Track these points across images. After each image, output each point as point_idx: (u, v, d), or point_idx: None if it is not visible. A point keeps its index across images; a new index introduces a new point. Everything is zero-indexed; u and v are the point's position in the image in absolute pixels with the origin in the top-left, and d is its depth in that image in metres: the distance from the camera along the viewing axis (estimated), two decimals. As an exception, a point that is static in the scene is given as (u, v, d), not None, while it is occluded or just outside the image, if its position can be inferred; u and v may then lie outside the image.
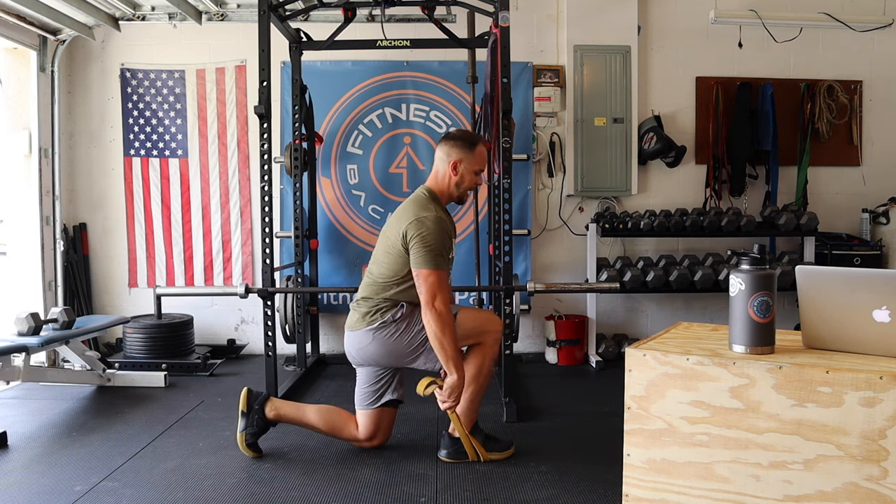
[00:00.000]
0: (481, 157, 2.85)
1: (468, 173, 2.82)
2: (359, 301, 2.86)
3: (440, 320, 2.64)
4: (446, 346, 2.65)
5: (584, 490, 2.60)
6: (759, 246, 1.70)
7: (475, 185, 2.88)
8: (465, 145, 2.82)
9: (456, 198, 2.87)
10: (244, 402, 2.96)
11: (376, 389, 2.91)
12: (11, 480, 2.73)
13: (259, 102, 3.52)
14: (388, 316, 2.77)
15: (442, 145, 2.86)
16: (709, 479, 1.63)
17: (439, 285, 2.66)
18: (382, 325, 2.77)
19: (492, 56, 3.78)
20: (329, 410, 3.02)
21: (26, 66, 4.54)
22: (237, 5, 4.65)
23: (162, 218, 4.97)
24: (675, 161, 4.93)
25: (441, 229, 2.69)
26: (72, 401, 3.82)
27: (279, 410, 2.97)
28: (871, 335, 1.61)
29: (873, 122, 5.10)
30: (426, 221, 2.68)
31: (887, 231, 4.89)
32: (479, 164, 2.84)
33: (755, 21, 4.66)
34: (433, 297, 2.64)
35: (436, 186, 2.85)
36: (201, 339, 4.92)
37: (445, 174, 2.83)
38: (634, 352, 1.72)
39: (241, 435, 2.95)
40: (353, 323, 2.85)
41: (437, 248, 2.67)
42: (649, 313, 5.09)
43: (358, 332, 2.82)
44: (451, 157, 2.81)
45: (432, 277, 2.65)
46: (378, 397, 2.91)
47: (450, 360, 2.67)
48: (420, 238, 2.66)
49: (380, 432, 2.96)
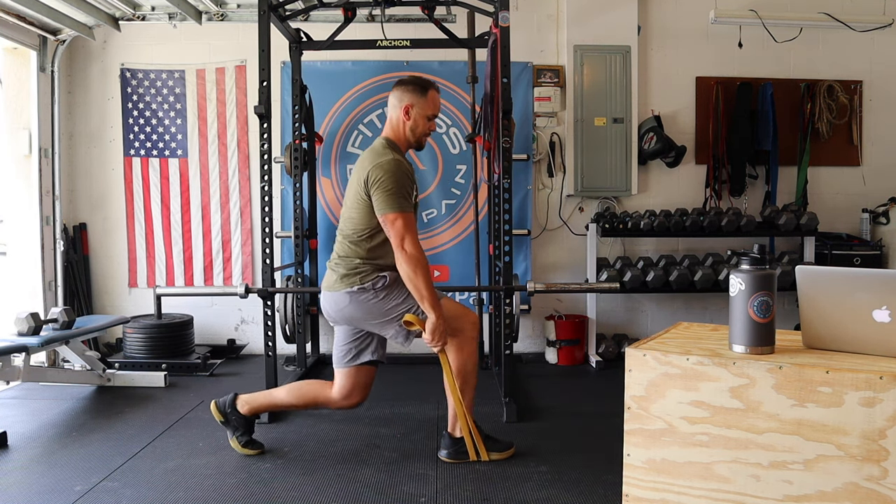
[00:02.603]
0: (434, 102, 2.83)
1: (421, 118, 2.80)
2: (336, 261, 2.80)
3: (411, 261, 2.63)
4: (420, 286, 2.64)
5: (584, 490, 2.60)
6: (759, 246, 1.70)
7: (430, 131, 2.85)
8: (416, 90, 2.80)
9: (413, 143, 2.84)
10: (217, 414, 2.98)
11: (354, 347, 2.86)
12: (11, 480, 2.73)
13: (259, 102, 3.52)
14: (368, 282, 2.71)
15: (394, 91, 2.84)
16: (709, 479, 1.63)
17: (406, 227, 2.64)
18: (362, 290, 2.72)
19: (492, 56, 3.79)
20: (298, 385, 3.00)
21: (26, 66, 4.54)
22: (237, 5, 4.65)
23: (162, 218, 4.97)
24: (675, 161, 4.93)
25: (400, 171, 2.67)
26: (72, 401, 3.82)
27: (251, 403, 2.97)
28: (871, 335, 1.61)
29: (873, 122, 5.10)
30: (384, 165, 2.66)
31: (887, 231, 4.89)
32: (431, 109, 2.82)
33: (755, 21, 4.66)
34: (402, 240, 2.64)
35: (391, 134, 2.83)
36: (201, 339, 4.92)
37: (399, 120, 2.81)
38: (634, 352, 1.72)
39: (234, 441, 2.98)
40: (330, 284, 2.79)
41: (398, 191, 2.64)
42: (649, 313, 5.09)
43: (336, 294, 2.76)
44: (403, 102, 2.79)
45: (399, 220, 2.64)
46: (356, 355, 2.86)
47: (425, 300, 2.65)
48: (380, 183, 2.64)
49: (356, 391, 2.89)
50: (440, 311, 2.68)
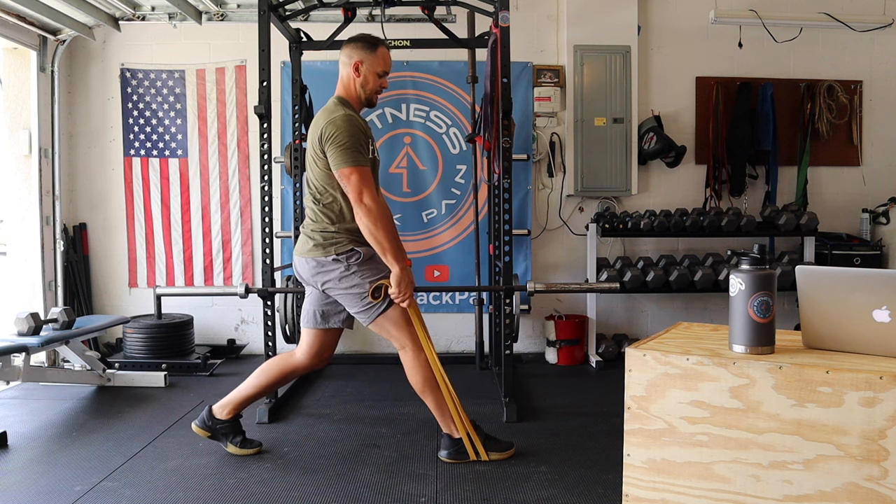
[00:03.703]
0: (384, 59, 2.82)
1: (371, 74, 2.79)
2: (311, 227, 2.78)
3: (370, 214, 2.62)
4: (381, 239, 2.63)
5: (584, 490, 2.60)
6: (759, 246, 1.70)
7: (380, 88, 2.84)
8: (365, 45, 2.80)
9: (364, 100, 2.83)
10: (201, 432, 2.98)
11: (326, 311, 2.87)
12: (11, 480, 2.73)
13: (259, 102, 3.52)
14: (342, 255, 2.71)
15: (344, 49, 2.83)
16: (709, 479, 1.63)
17: (363, 180, 2.63)
18: (335, 262, 2.71)
19: (492, 56, 3.78)
20: (261, 368, 2.99)
21: (26, 66, 4.54)
22: (237, 5, 4.64)
23: (162, 218, 4.97)
24: (675, 161, 4.93)
25: (352, 125, 2.66)
26: (72, 401, 3.82)
27: (228, 406, 2.97)
28: (871, 335, 1.61)
29: (873, 122, 5.10)
30: (336, 121, 2.66)
31: (887, 231, 4.89)
32: (381, 66, 2.81)
33: (755, 21, 4.65)
34: (360, 194, 2.63)
35: (343, 92, 2.82)
36: (201, 339, 4.92)
37: (349, 77, 2.80)
38: (634, 352, 1.72)
39: (231, 447, 2.98)
40: (304, 250, 2.78)
41: (352, 145, 2.64)
42: (649, 313, 5.09)
43: (308, 260, 2.76)
44: (353, 59, 2.78)
45: (354, 175, 2.63)
46: (326, 319, 2.87)
47: (387, 253, 2.64)
48: (333, 138, 2.64)
49: (326, 349, 2.92)
50: (403, 262, 2.67)
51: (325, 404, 3.74)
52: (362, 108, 2.86)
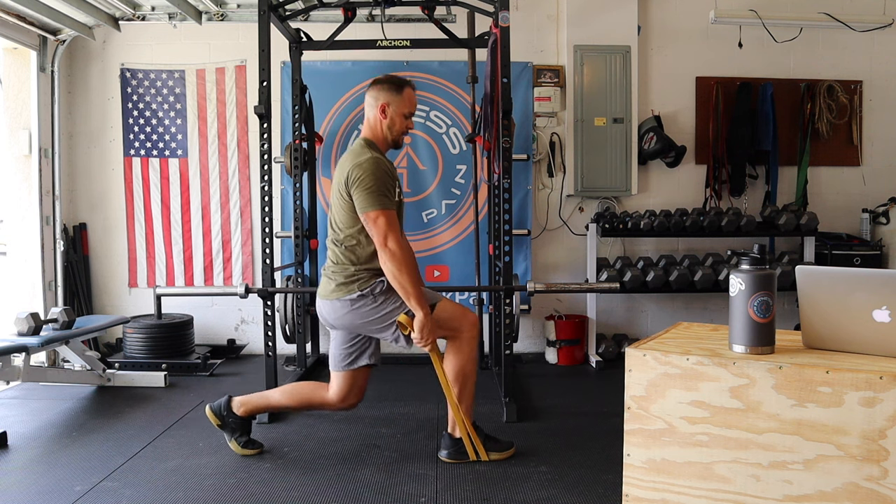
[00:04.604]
0: (409, 100, 2.83)
1: (397, 116, 2.80)
2: (332, 269, 2.79)
3: (395, 259, 2.62)
4: (405, 284, 2.63)
5: (584, 490, 2.60)
6: (759, 246, 1.70)
7: (407, 129, 2.86)
8: (392, 87, 2.81)
9: (391, 142, 2.84)
10: (213, 418, 2.98)
11: (352, 352, 2.86)
12: (11, 480, 2.73)
13: (259, 102, 3.52)
14: (366, 289, 2.71)
15: (370, 90, 2.84)
16: (709, 479, 1.63)
17: (388, 225, 2.64)
18: (361, 297, 2.71)
19: (492, 56, 3.78)
20: (294, 386, 3.01)
21: (26, 66, 4.54)
22: (237, 5, 4.65)
23: (162, 218, 4.97)
24: (675, 161, 4.93)
25: (379, 169, 2.67)
26: (72, 401, 3.82)
27: (247, 405, 2.97)
28: (871, 335, 1.61)
29: (873, 122, 5.10)
30: (363, 164, 2.66)
31: (887, 231, 4.89)
32: (407, 107, 2.82)
33: (755, 21, 4.65)
34: (385, 238, 2.63)
35: (370, 134, 2.83)
36: (201, 339, 4.92)
37: (376, 119, 2.81)
38: (634, 352, 1.72)
39: (233, 443, 2.98)
40: (328, 292, 2.78)
41: (378, 189, 2.64)
42: (649, 313, 5.09)
43: (334, 302, 2.76)
44: (380, 101, 2.79)
45: (381, 218, 2.64)
46: (353, 360, 2.86)
47: (411, 298, 2.64)
48: (360, 182, 2.64)
49: (353, 393, 2.90)
50: (427, 308, 2.67)
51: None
52: (388, 149, 2.86)
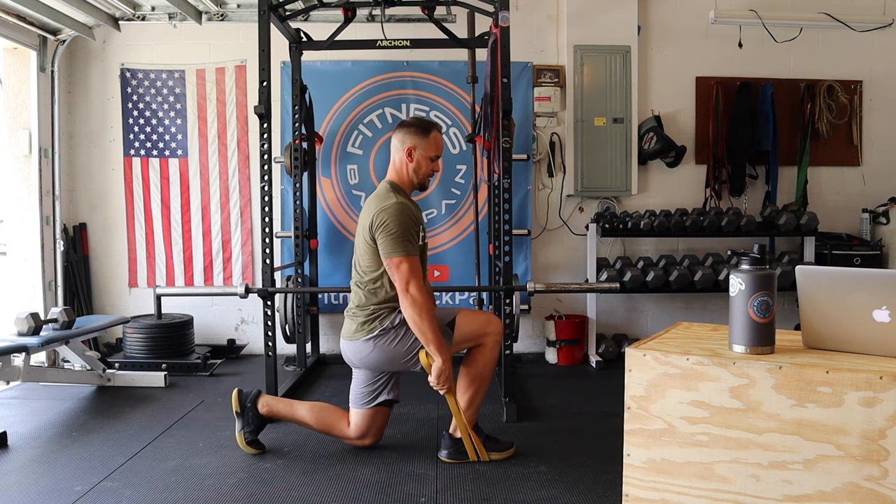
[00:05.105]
0: (436, 143, 2.84)
1: (424, 159, 2.81)
2: (354, 310, 2.84)
3: (416, 306, 2.64)
4: (426, 330, 2.65)
5: (584, 490, 2.59)
6: (759, 246, 1.70)
7: (433, 172, 2.87)
8: (418, 131, 2.81)
9: (417, 185, 2.86)
10: (236, 402, 2.99)
11: (373, 390, 2.91)
12: (11, 480, 2.73)
13: (259, 102, 3.52)
14: (387, 323, 2.76)
15: (396, 133, 2.85)
16: (709, 479, 1.63)
17: (411, 271, 2.66)
18: (382, 333, 2.76)
19: (492, 56, 3.78)
20: (321, 408, 3.02)
21: (26, 66, 4.54)
22: (237, 5, 4.65)
23: (162, 218, 4.97)
24: (675, 161, 4.93)
25: (403, 214, 2.68)
26: (72, 401, 3.82)
27: (271, 407, 2.99)
28: (871, 335, 1.61)
29: (873, 122, 5.10)
30: (388, 209, 2.68)
31: (887, 231, 4.89)
32: (434, 151, 2.83)
33: (755, 21, 4.65)
34: (407, 284, 2.65)
35: (395, 177, 2.84)
36: (201, 339, 4.92)
37: (402, 162, 2.82)
38: (634, 352, 1.72)
39: (240, 435, 2.97)
40: (350, 333, 2.83)
41: (402, 235, 2.66)
42: (649, 313, 5.09)
43: (357, 342, 2.81)
44: (406, 144, 2.80)
45: (404, 264, 2.65)
46: (374, 398, 2.91)
47: (431, 344, 2.67)
48: (384, 227, 2.66)
49: (372, 431, 2.95)
50: (447, 354, 2.70)
51: (325, 404, 3.73)
52: (413, 191, 2.88)
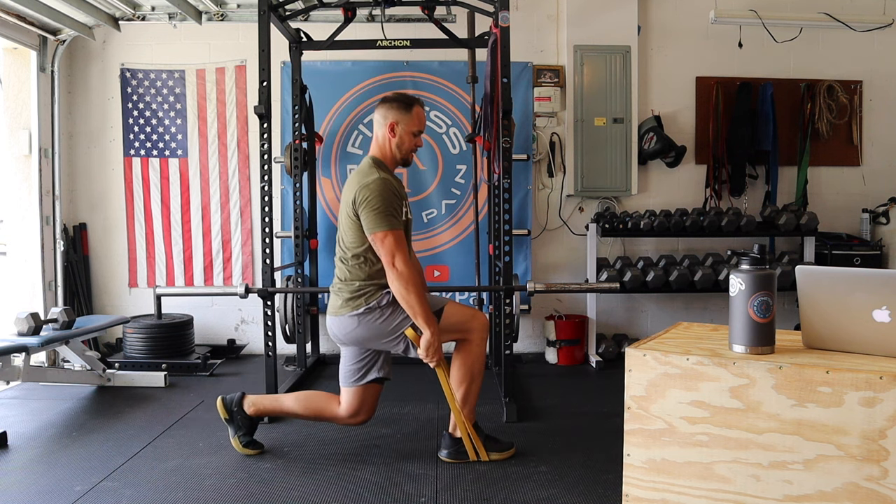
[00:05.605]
0: (419, 118, 2.83)
1: (406, 134, 2.80)
2: (339, 286, 2.81)
3: (402, 279, 2.64)
4: (413, 303, 2.65)
5: (584, 490, 2.60)
6: (759, 246, 1.70)
7: (415, 147, 2.86)
8: (401, 106, 2.80)
9: (399, 160, 2.84)
10: (222, 410, 2.99)
11: (361, 367, 2.87)
12: (11, 480, 2.73)
13: (259, 102, 3.52)
14: (373, 301, 2.73)
15: (378, 108, 2.84)
16: (709, 479, 1.63)
17: (396, 245, 2.65)
18: (368, 311, 2.73)
19: (492, 56, 3.78)
20: (307, 395, 3.02)
21: (26, 66, 4.54)
22: (237, 5, 4.65)
23: (162, 218, 4.97)
24: (675, 161, 4.93)
25: (386, 189, 2.67)
26: (72, 401, 3.82)
27: (258, 405, 2.98)
28: (871, 335, 1.61)
29: (873, 122, 5.10)
30: (371, 185, 2.67)
31: (887, 231, 4.89)
32: (416, 126, 2.82)
33: (755, 21, 4.65)
34: (392, 258, 2.65)
35: (378, 152, 2.83)
36: (201, 339, 4.92)
37: (385, 137, 2.81)
38: (634, 352, 1.72)
39: (235, 440, 2.98)
40: (336, 308, 2.80)
41: (385, 209, 2.65)
42: (649, 313, 5.09)
43: (342, 318, 2.78)
44: (388, 120, 2.79)
45: (389, 238, 2.65)
46: (363, 375, 2.87)
47: (419, 316, 2.66)
48: (367, 203, 2.65)
49: (364, 409, 2.90)
50: (434, 326, 2.69)
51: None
52: (396, 167, 2.87)
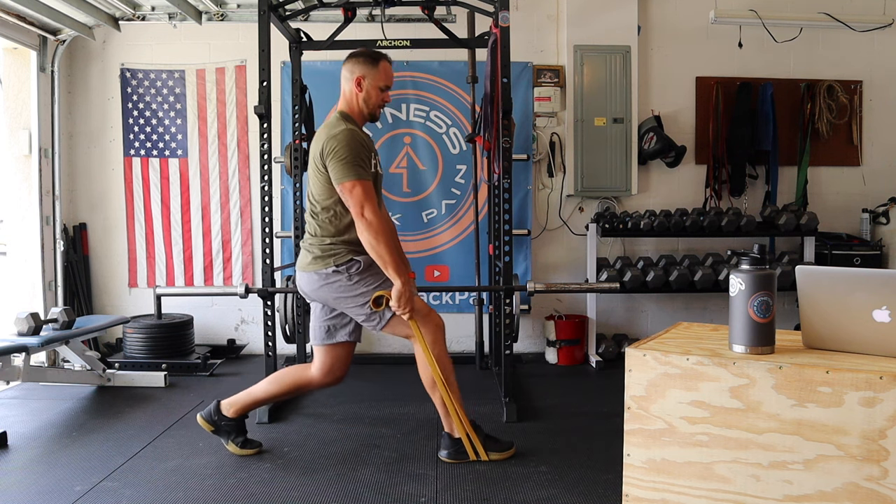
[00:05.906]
0: (385, 73, 2.82)
1: (373, 89, 2.79)
2: (310, 241, 2.80)
3: (371, 228, 2.62)
4: (382, 253, 2.64)
5: (584, 490, 2.60)
6: (759, 246, 1.70)
7: (383, 102, 2.85)
8: (367, 61, 2.80)
9: (367, 115, 2.84)
10: (205, 424, 2.98)
11: (331, 325, 2.86)
12: (11, 480, 2.73)
13: (259, 102, 3.52)
14: (342, 265, 2.72)
15: (346, 63, 2.83)
16: (709, 479, 1.63)
17: (365, 195, 2.64)
18: (336, 273, 2.72)
19: (492, 56, 3.78)
20: (275, 375, 3.01)
21: (26, 66, 4.54)
22: (237, 5, 4.64)
23: (162, 218, 4.97)
24: (675, 161, 4.93)
25: (354, 140, 2.67)
26: (72, 401, 3.82)
27: (235, 405, 2.97)
28: (871, 335, 1.61)
29: (873, 122, 5.10)
30: (337, 136, 2.66)
31: (887, 231, 4.89)
32: (383, 80, 2.81)
33: (755, 21, 4.65)
34: (361, 208, 2.64)
35: (345, 107, 2.83)
36: (201, 339, 4.92)
37: (352, 92, 2.80)
38: (634, 352, 1.71)
39: (230, 446, 2.99)
40: (305, 264, 2.79)
41: (353, 160, 2.64)
42: (649, 313, 5.09)
43: (310, 274, 2.77)
44: (355, 74, 2.79)
45: (357, 188, 2.64)
46: (332, 334, 2.86)
47: (389, 266, 2.64)
48: (334, 153, 2.65)
49: (337, 366, 2.89)
50: (405, 277, 2.67)
51: (326, 404, 3.73)
52: (364, 122, 2.86)
